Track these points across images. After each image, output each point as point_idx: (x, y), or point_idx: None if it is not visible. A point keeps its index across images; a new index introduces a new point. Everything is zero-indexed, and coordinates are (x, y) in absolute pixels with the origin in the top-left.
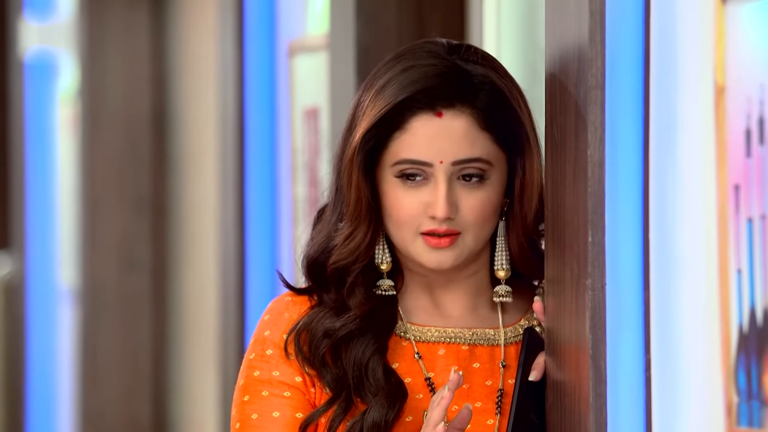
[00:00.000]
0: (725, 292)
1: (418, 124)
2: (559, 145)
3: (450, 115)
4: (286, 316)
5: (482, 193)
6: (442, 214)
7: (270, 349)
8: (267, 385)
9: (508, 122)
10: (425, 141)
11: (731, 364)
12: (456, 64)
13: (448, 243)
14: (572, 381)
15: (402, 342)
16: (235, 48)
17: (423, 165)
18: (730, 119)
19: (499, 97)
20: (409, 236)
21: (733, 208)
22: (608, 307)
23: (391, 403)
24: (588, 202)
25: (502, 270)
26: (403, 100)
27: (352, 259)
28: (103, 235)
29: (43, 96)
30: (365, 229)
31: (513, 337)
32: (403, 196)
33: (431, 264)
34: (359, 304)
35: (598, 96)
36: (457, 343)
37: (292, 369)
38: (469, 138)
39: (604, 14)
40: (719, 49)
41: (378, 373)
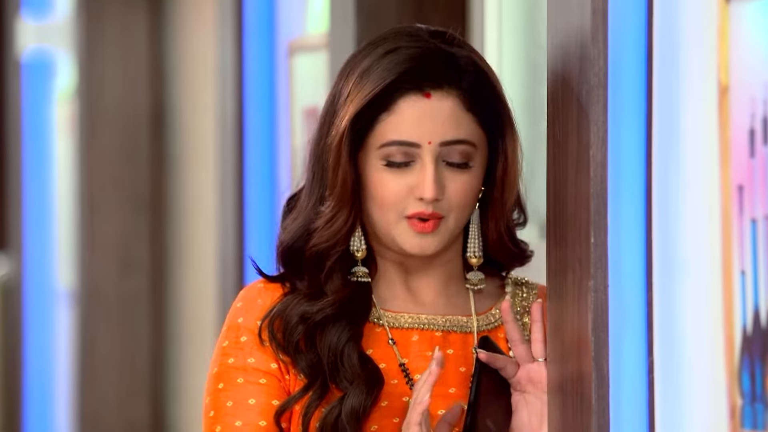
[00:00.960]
0: (729, 293)
1: (405, 105)
2: (561, 144)
3: (438, 96)
4: (260, 302)
5: (467, 177)
6: (431, 194)
7: (244, 335)
8: (242, 372)
9: (492, 104)
10: (413, 122)
11: (735, 367)
12: (440, 47)
13: (432, 228)
14: (574, 383)
15: (376, 328)
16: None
17: (410, 146)
18: (733, 119)
19: (483, 79)
20: (392, 220)
21: (737, 208)
22: (611, 309)
23: (369, 390)
24: (590, 203)
25: (474, 257)
26: (391, 81)
27: (332, 242)
28: (101, 235)
29: (40, 95)
30: (347, 213)
31: (485, 324)
32: (389, 179)
33: (414, 249)
34: (337, 289)
35: (600, 95)
36: (431, 329)
37: (266, 356)
38: (456, 119)
39: (606, 13)
40: (723, 48)
41: (353, 359)
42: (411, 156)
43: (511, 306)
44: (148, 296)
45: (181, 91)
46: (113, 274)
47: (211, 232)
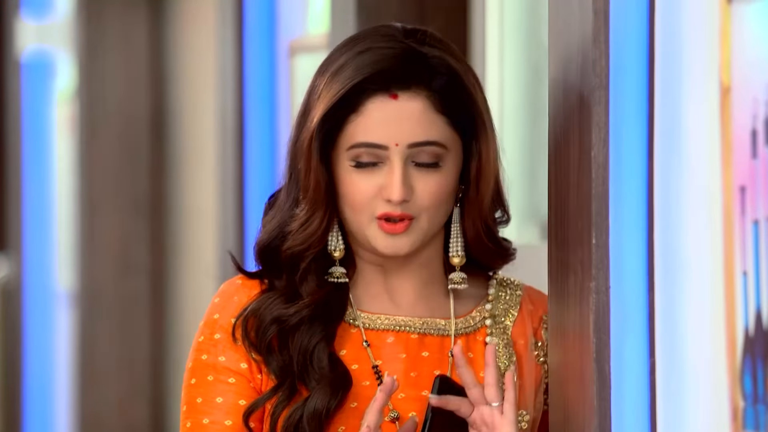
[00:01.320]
0: (731, 294)
1: (373, 107)
2: (562, 146)
3: (405, 98)
4: (236, 299)
5: (437, 177)
6: (398, 196)
7: (218, 333)
8: (212, 370)
9: (464, 105)
10: (380, 123)
11: (737, 368)
12: (412, 47)
13: (403, 229)
14: (576, 385)
15: (351, 329)
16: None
17: (378, 148)
18: (735, 120)
19: (454, 80)
20: (364, 221)
21: (739, 209)
22: (612, 310)
23: (334, 392)
24: (592, 204)
25: (456, 257)
26: (358, 82)
27: (306, 245)
28: (101, 237)
29: (40, 96)
30: (322, 215)
31: (464, 328)
32: (359, 180)
33: (387, 250)
34: (312, 291)
35: (602, 96)
36: (407, 331)
37: (238, 355)
38: (424, 120)
39: (608, 13)
40: (725, 49)
41: (323, 361)
42: (379, 157)
43: (493, 308)
44: (148, 298)
45: (181, 91)
46: (113, 276)
47: (211, 234)
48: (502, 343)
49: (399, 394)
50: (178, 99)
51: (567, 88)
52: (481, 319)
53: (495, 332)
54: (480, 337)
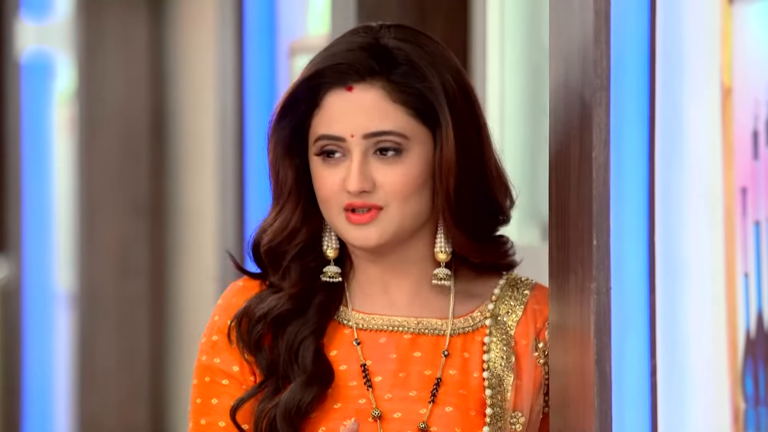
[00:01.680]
0: (732, 296)
1: (330, 100)
2: (563, 146)
3: (360, 89)
4: (234, 301)
5: (401, 167)
6: (354, 186)
7: (216, 335)
8: (209, 372)
9: (423, 96)
10: (337, 115)
11: (738, 370)
12: (375, 40)
13: (368, 219)
14: (577, 386)
15: (344, 329)
16: (234, 48)
17: (337, 140)
18: (737, 121)
19: (413, 70)
20: (334, 213)
21: (740, 211)
22: (613, 312)
23: (309, 388)
24: (593, 205)
25: (442, 253)
26: (311, 76)
27: (282, 238)
28: (101, 238)
29: (39, 97)
30: (292, 207)
31: (462, 327)
32: (325, 174)
33: (356, 241)
34: (293, 284)
35: (602, 97)
36: (400, 331)
37: (232, 357)
38: (379, 111)
39: (609, 14)
40: (726, 50)
41: (307, 357)
42: (341, 149)
43: (495, 307)
44: (147, 299)
45: (181, 92)
46: (113, 277)
47: (211, 235)
48: (501, 343)
49: (386, 394)
50: (178, 100)
51: (568, 89)
52: (482, 319)
53: (495, 332)
54: (478, 337)
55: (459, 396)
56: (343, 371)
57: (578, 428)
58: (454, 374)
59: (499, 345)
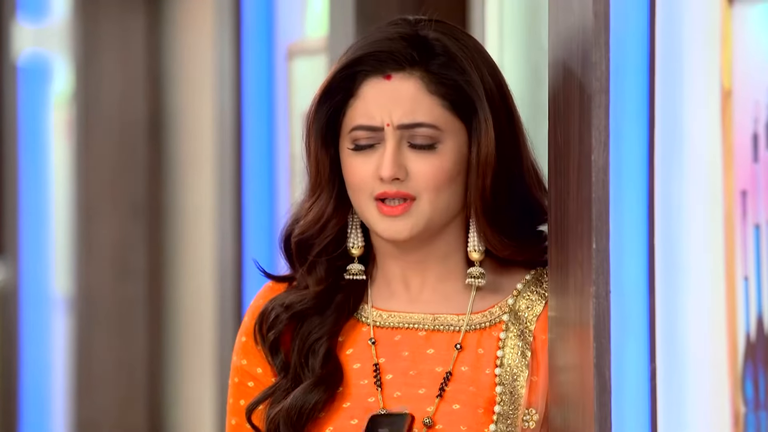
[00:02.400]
0: (732, 299)
1: (368, 88)
2: (562, 149)
3: (398, 78)
4: (261, 303)
5: (434, 158)
6: (388, 172)
7: (244, 336)
8: (238, 373)
9: (460, 88)
10: (374, 104)
11: (738, 374)
12: (414, 31)
13: (401, 211)
14: (576, 391)
15: (362, 327)
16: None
17: (374, 130)
18: (737, 123)
19: (452, 62)
20: (364, 202)
21: (740, 214)
22: (613, 316)
23: (314, 392)
24: (592, 208)
25: (475, 252)
26: (349, 63)
27: (315, 230)
28: (98, 241)
29: (36, 100)
30: (327, 198)
31: (479, 323)
32: (357, 161)
33: (385, 233)
34: (318, 280)
35: (602, 100)
36: (416, 328)
37: (256, 359)
38: (415, 101)
39: (608, 16)
40: (726, 52)
41: (318, 357)
42: (376, 139)
43: (515, 302)
44: (145, 303)
45: (179, 95)
46: (110, 281)
47: (209, 238)
48: (517, 339)
49: (395, 392)
50: (175, 102)
51: (567, 92)
52: (500, 314)
53: (512, 327)
54: (495, 332)
55: (468, 393)
56: (356, 369)
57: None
58: (465, 370)
59: (515, 341)
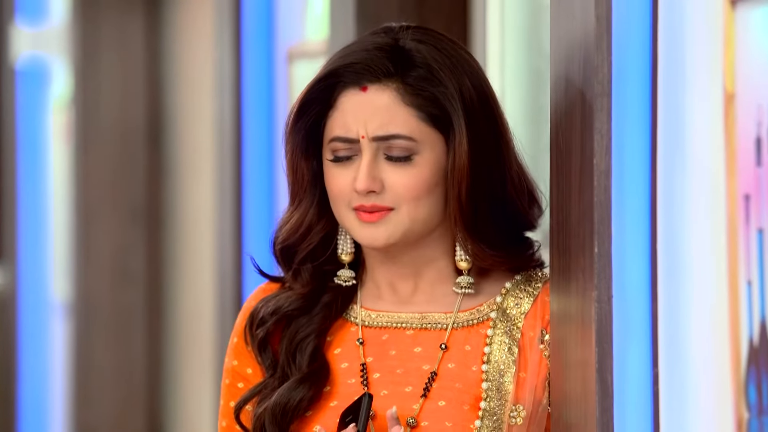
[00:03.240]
0: (735, 304)
1: (345, 100)
2: (564, 153)
3: (374, 89)
4: (253, 303)
5: (411, 170)
6: (361, 186)
7: (236, 337)
8: (230, 374)
9: (436, 100)
10: (351, 116)
11: (741, 379)
12: (393, 41)
13: (377, 218)
14: (578, 395)
15: (351, 327)
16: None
17: (350, 142)
18: (739, 127)
19: (430, 74)
20: (342, 213)
21: (743, 218)
22: (615, 320)
23: (299, 389)
24: (594, 212)
25: (463, 261)
26: (326, 75)
27: (297, 238)
28: (97, 246)
29: (35, 104)
30: (307, 206)
31: (467, 320)
32: (336, 173)
33: (364, 240)
34: (304, 284)
35: (604, 103)
36: (403, 327)
37: (247, 360)
38: (390, 113)
39: (610, 20)
40: (729, 55)
41: (305, 355)
42: (353, 150)
43: (503, 300)
44: (144, 308)
45: (178, 99)
46: (109, 286)
47: (208, 243)
48: (505, 335)
49: (382, 390)
50: (175, 106)
51: (569, 95)
52: (488, 311)
53: (499, 324)
54: (482, 330)
55: (454, 390)
56: (344, 369)
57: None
58: (452, 368)
59: (501, 337)
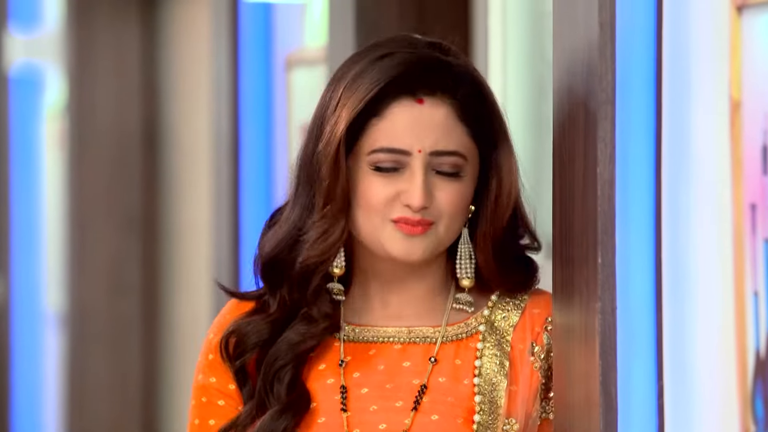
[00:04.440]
0: (741, 315)
1: (397, 110)
2: (567, 162)
3: (430, 103)
4: (228, 318)
5: (458, 186)
6: (419, 202)
7: (211, 353)
8: (205, 392)
9: (486, 117)
10: (404, 128)
11: (748, 392)
12: (435, 55)
13: (422, 231)
14: (581, 408)
15: (335, 343)
16: (229, 61)
17: (400, 154)
18: (746, 135)
19: (478, 90)
20: (378, 224)
21: (750, 228)
22: (619, 332)
23: (283, 417)
24: (597, 222)
25: (466, 279)
26: (385, 84)
27: (324, 257)
28: (92, 257)
29: (28, 112)
30: (343, 225)
31: (456, 334)
32: (377, 183)
33: (400, 253)
34: (326, 315)
35: (608, 111)
36: (390, 342)
37: (227, 375)
38: (447, 128)
39: (614, 26)
40: (735, 62)
41: (283, 384)
42: (400, 163)
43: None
44: (140, 319)
45: (174, 106)
46: (104, 297)
47: (205, 253)
48: (495, 348)
49: (371, 406)
50: (171, 113)
51: (572, 103)
52: (476, 325)
53: (489, 337)
54: (472, 343)
55: (446, 404)
56: (330, 385)
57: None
58: (443, 381)
59: (492, 350)
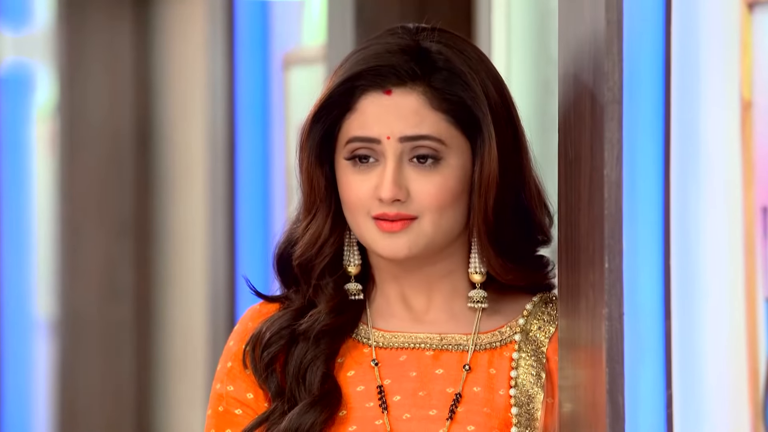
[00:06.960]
0: (752, 321)
1: (366, 103)
2: (573, 163)
3: (399, 93)
4: (250, 325)
5: (437, 176)
6: (388, 194)
7: (230, 361)
8: (223, 401)
9: (464, 104)
10: (373, 118)
11: (759, 401)
12: (416, 43)
13: (400, 227)
14: (588, 417)
15: (363, 348)
16: (225, 59)
17: (371, 142)
18: (757, 136)
19: (456, 77)
20: (361, 222)
21: (761, 231)
22: (626, 339)
23: (309, 412)
24: (604, 225)
25: (477, 273)
26: (349, 78)
27: (314, 251)
28: (84, 261)
29: (18, 112)
30: (324, 216)
31: (489, 343)
32: (354, 179)
33: (385, 251)
34: (329, 298)
35: (615, 111)
36: (422, 348)
37: (246, 384)
38: (417, 115)
39: (621, 24)
40: (746, 61)
41: (315, 378)
42: (374, 152)
43: (526, 323)
44: (133, 325)
45: (169, 106)
46: (96, 302)
47: (200, 257)
48: (531, 359)
49: (404, 414)
50: (165, 114)
51: (578, 103)
52: (511, 334)
53: (525, 348)
54: (507, 353)
55: (483, 414)
56: (360, 392)
57: None
58: (478, 391)
59: (528, 361)
